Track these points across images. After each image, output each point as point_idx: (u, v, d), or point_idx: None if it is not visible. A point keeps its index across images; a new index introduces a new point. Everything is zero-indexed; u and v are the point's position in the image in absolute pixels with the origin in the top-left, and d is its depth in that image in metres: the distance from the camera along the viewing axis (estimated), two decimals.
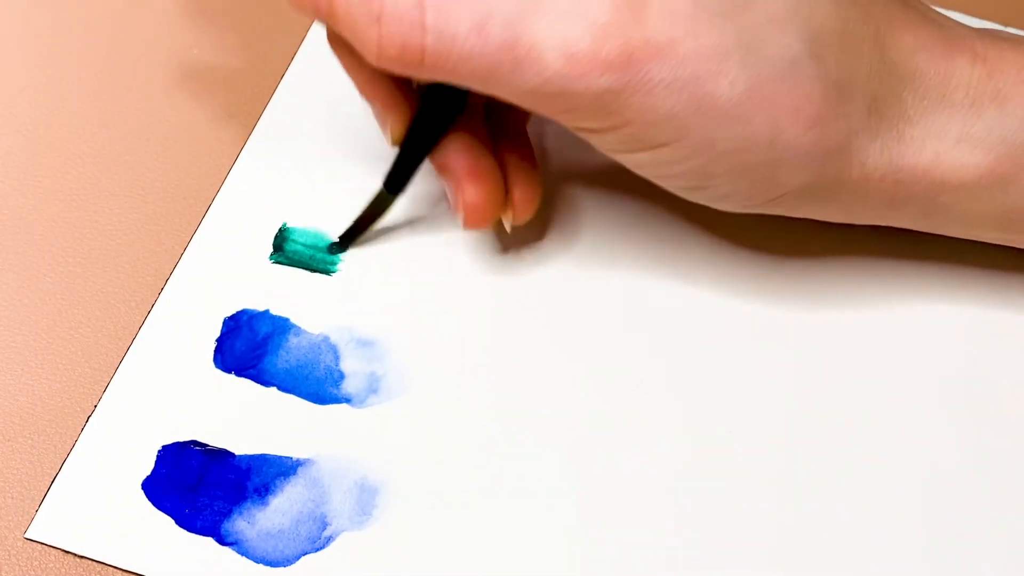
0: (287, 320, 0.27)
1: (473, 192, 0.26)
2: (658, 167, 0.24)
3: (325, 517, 0.24)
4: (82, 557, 0.24)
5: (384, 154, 0.30)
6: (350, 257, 0.29)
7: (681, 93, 0.21)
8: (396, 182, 0.27)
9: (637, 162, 0.24)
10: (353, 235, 0.28)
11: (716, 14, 0.21)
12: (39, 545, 0.24)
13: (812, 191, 0.24)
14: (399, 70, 0.22)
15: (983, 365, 0.27)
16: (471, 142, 0.26)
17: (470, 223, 0.26)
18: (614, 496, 0.25)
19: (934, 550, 0.24)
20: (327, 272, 0.28)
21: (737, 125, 0.22)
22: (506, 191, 0.26)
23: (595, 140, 0.24)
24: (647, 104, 0.22)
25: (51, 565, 0.24)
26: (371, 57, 0.22)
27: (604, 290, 0.28)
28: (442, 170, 0.26)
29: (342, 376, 0.26)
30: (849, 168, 0.23)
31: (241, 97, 0.32)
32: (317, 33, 0.34)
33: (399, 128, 0.26)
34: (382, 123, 0.26)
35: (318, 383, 0.26)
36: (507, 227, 0.27)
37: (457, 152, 0.26)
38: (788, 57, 0.22)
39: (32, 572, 0.24)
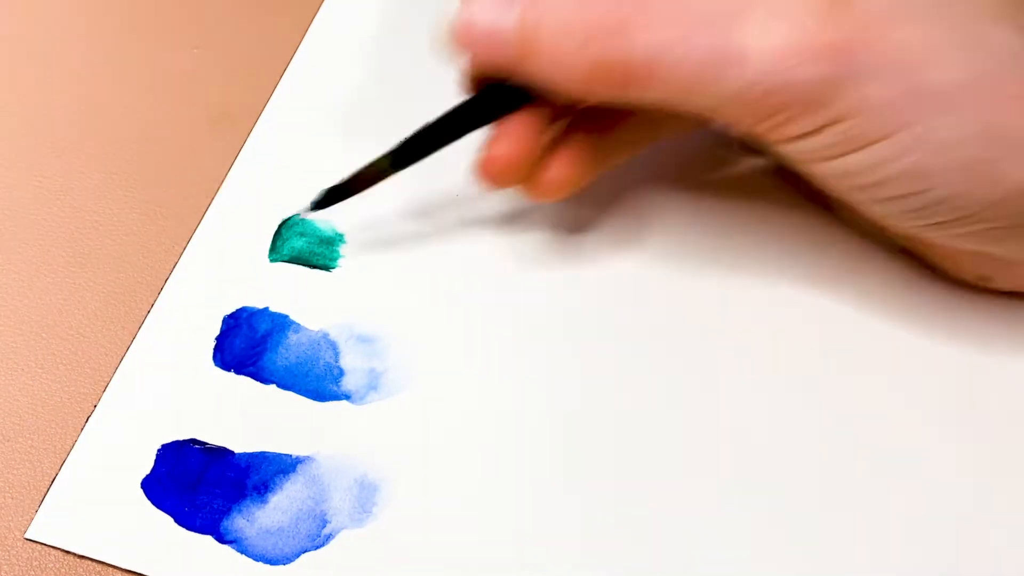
0: (286, 317, 0.27)
1: (502, 148, 0.25)
2: (869, 172, 0.23)
3: (325, 515, 0.24)
4: (82, 557, 0.24)
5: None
6: (350, 253, 0.29)
7: (896, 82, 0.21)
8: (405, 159, 0.26)
9: (845, 169, 0.23)
10: (334, 199, 0.27)
11: (929, 7, 0.21)
12: (39, 545, 0.24)
13: None
14: (603, 91, 0.23)
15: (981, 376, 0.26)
16: (535, 113, 0.25)
17: (478, 172, 0.25)
18: (615, 494, 0.25)
19: (934, 554, 0.24)
20: (327, 268, 0.28)
21: (956, 114, 0.21)
22: (545, 163, 0.26)
23: (797, 148, 0.23)
24: (862, 95, 0.21)
25: (51, 565, 0.24)
26: (578, 81, 0.22)
27: (605, 288, 0.28)
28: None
29: (342, 373, 0.26)
30: None
31: (241, 97, 0.32)
32: (317, 33, 0.34)
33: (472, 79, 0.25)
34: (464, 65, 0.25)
35: (318, 380, 0.26)
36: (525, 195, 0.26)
37: (517, 116, 0.25)
38: (1006, 49, 0.21)
39: (32, 572, 0.24)
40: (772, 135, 0.23)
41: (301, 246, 0.28)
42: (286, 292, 0.28)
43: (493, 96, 0.25)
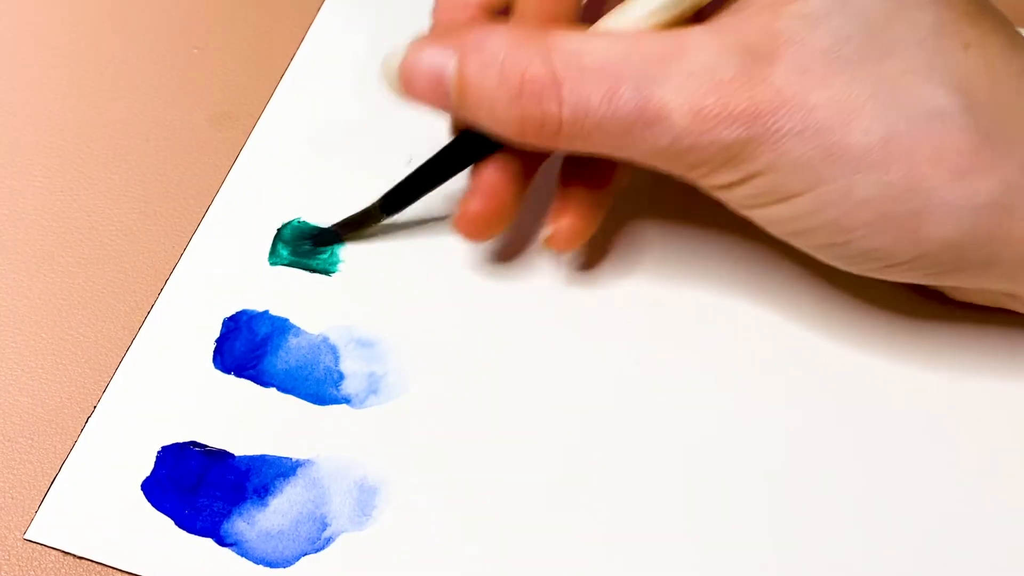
0: (286, 321, 0.27)
1: (476, 204, 0.26)
2: (795, 221, 0.23)
3: (325, 518, 0.24)
4: (82, 558, 0.24)
5: (384, 155, 0.30)
6: (349, 257, 0.29)
7: (811, 141, 0.21)
8: (393, 205, 0.27)
9: (773, 217, 0.23)
10: (329, 239, 0.29)
11: (850, 64, 0.21)
12: (39, 546, 0.24)
13: (962, 250, 0.22)
14: (534, 142, 0.23)
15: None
16: (510, 164, 0.26)
17: (458, 226, 0.26)
18: (615, 496, 0.25)
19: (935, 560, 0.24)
20: (327, 272, 0.28)
21: (873, 173, 0.21)
22: (556, 214, 0.27)
23: (729, 196, 0.23)
24: (777, 153, 0.22)
25: (51, 566, 0.24)
26: (511, 133, 0.23)
27: (606, 291, 0.28)
28: (473, 169, 0.26)
29: (342, 376, 0.26)
30: (1006, 226, 0.22)
31: (241, 97, 0.32)
32: (317, 33, 0.34)
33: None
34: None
35: (318, 384, 0.26)
36: (540, 245, 0.27)
37: (493, 165, 0.26)
38: (930, 107, 0.21)
39: (32, 573, 0.24)
40: (702, 183, 0.23)
41: (301, 247, 0.29)
42: (286, 295, 0.28)
43: (467, 142, 0.26)
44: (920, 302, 0.27)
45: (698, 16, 0.23)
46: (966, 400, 0.26)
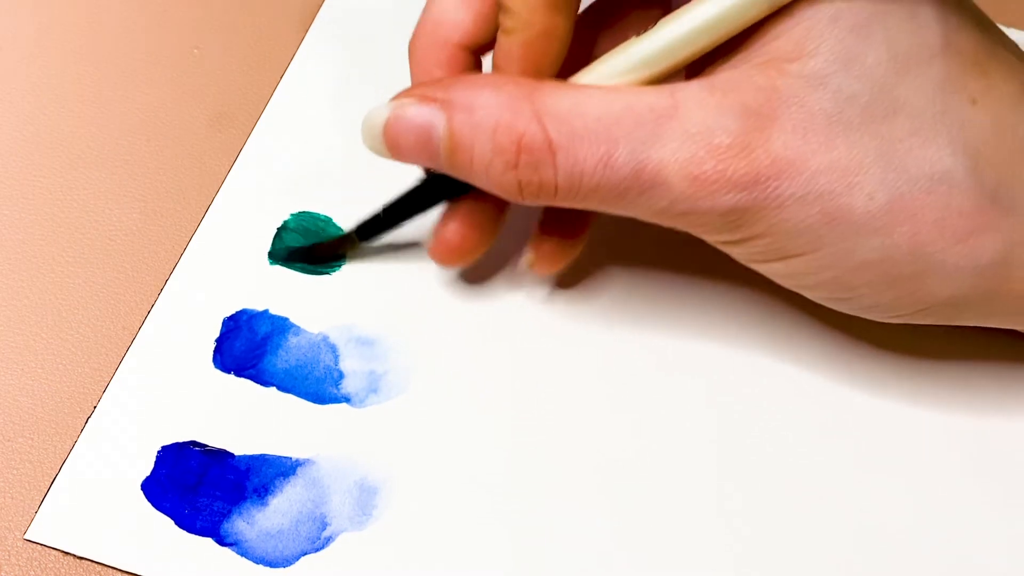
0: (286, 320, 0.27)
1: (452, 234, 0.26)
2: (796, 277, 0.23)
3: (325, 517, 0.24)
4: (82, 558, 0.24)
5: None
6: (349, 255, 0.29)
7: (813, 206, 0.21)
8: (368, 233, 0.27)
9: (774, 272, 0.23)
10: (314, 258, 0.28)
11: (853, 127, 0.21)
12: (39, 546, 0.24)
13: (966, 303, 0.23)
14: (534, 203, 0.23)
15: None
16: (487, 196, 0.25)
17: (435, 255, 0.26)
18: (614, 496, 0.25)
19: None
20: (326, 272, 0.28)
21: (876, 237, 0.21)
22: (538, 239, 0.26)
23: (730, 250, 0.23)
24: (778, 218, 0.21)
25: (51, 566, 0.24)
26: (511, 196, 0.23)
27: (605, 290, 0.28)
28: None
29: (342, 375, 0.26)
30: (1008, 282, 0.22)
31: (241, 97, 0.32)
32: (317, 34, 0.34)
33: None
34: None
35: (318, 383, 0.26)
36: (521, 268, 0.27)
37: (471, 196, 0.25)
38: (934, 170, 0.21)
39: (32, 573, 0.24)
40: (702, 237, 0.23)
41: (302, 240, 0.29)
42: (286, 294, 0.28)
43: (440, 183, 0.25)
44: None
45: (693, 67, 0.23)
46: (968, 417, 0.26)
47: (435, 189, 0.26)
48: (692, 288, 0.28)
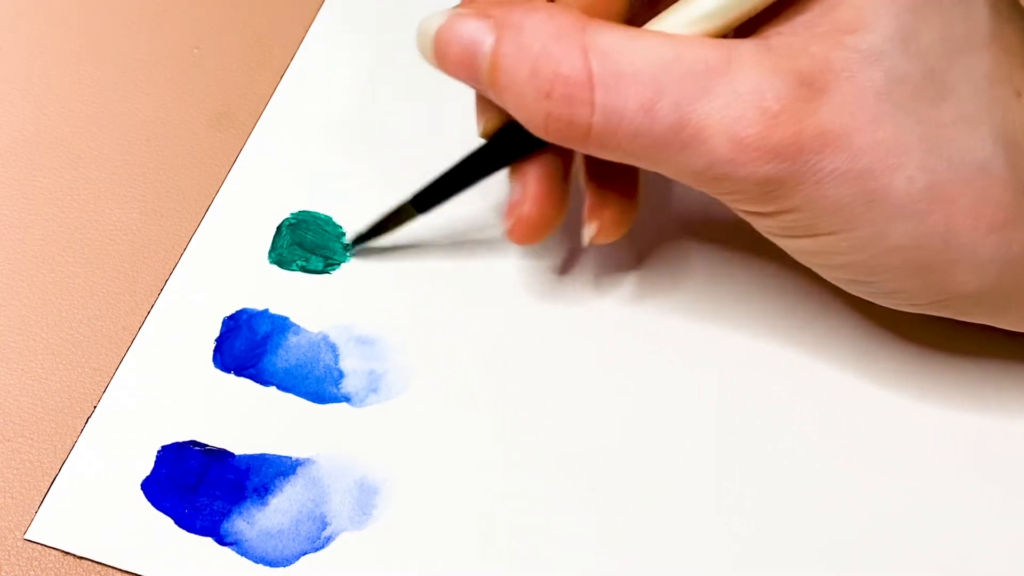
0: (286, 319, 0.27)
1: (531, 210, 0.25)
2: (821, 256, 0.23)
3: (325, 517, 0.24)
4: (82, 558, 0.24)
5: (384, 155, 0.30)
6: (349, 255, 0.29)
7: (853, 184, 0.21)
8: (427, 202, 0.26)
9: (799, 248, 0.23)
10: (364, 240, 0.28)
11: (901, 107, 0.20)
12: (39, 546, 0.24)
13: (989, 298, 0.22)
14: (559, 142, 0.22)
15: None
16: (553, 162, 0.25)
17: (515, 236, 0.25)
18: (614, 496, 0.25)
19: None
20: (326, 271, 0.28)
21: (911, 222, 0.21)
22: (596, 208, 0.26)
23: (758, 223, 0.23)
24: (815, 193, 0.21)
25: (51, 566, 0.24)
26: (535, 129, 0.22)
27: (609, 290, 0.28)
28: (514, 173, 0.25)
29: (342, 375, 0.26)
30: None
31: (241, 97, 0.32)
32: (317, 33, 0.34)
33: (492, 125, 0.25)
34: (479, 114, 0.25)
35: (317, 382, 0.26)
36: (584, 241, 0.26)
37: (536, 166, 0.25)
38: (975, 158, 0.21)
39: (32, 573, 0.24)
40: (730, 205, 0.23)
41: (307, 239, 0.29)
42: (286, 294, 0.28)
43: (507, 140, 0.25)
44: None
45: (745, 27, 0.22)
46: (969, 417, 0.26)
47: (495, 154, 0.25)
48: (692, 289, 0.28)
